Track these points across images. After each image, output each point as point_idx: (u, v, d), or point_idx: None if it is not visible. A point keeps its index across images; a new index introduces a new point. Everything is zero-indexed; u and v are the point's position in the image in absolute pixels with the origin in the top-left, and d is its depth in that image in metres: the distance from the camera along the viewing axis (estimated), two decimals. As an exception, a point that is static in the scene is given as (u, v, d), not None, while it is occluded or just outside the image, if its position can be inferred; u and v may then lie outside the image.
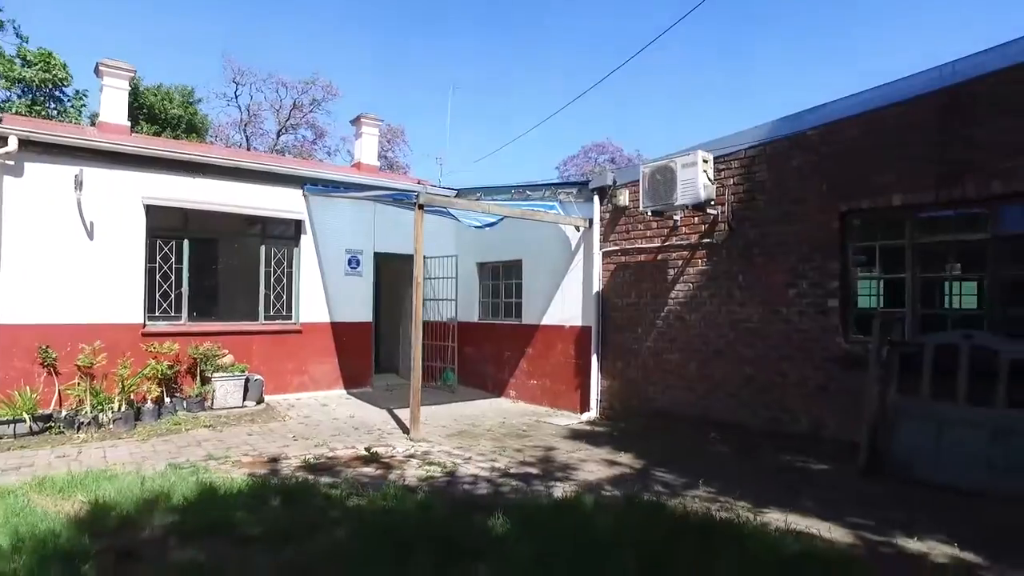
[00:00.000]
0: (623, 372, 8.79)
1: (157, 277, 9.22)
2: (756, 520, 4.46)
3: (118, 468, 5.81)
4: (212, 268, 12.09)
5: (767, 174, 7.20)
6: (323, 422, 8.47)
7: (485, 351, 11.14)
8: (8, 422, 7.50)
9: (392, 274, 12.17)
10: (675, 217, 8.03)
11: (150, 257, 9.09)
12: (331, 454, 6.56)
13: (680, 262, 8.12)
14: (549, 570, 3.50)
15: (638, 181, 8.13)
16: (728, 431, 7.35)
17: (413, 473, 5.84)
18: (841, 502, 4.94)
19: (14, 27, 24.26)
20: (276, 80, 32.73)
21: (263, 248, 10.16)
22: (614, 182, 8.96)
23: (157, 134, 23.37)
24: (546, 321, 9.99)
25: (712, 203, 7.44)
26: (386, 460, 6.31)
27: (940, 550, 3.97)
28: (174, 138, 23.80)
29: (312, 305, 10.46)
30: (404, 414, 8.95)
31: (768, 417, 7.05)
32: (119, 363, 8.33)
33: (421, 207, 7.54)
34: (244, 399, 9.29)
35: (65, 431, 7.67)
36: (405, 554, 3.68)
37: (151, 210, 9.03)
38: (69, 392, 8.18)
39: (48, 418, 7.87)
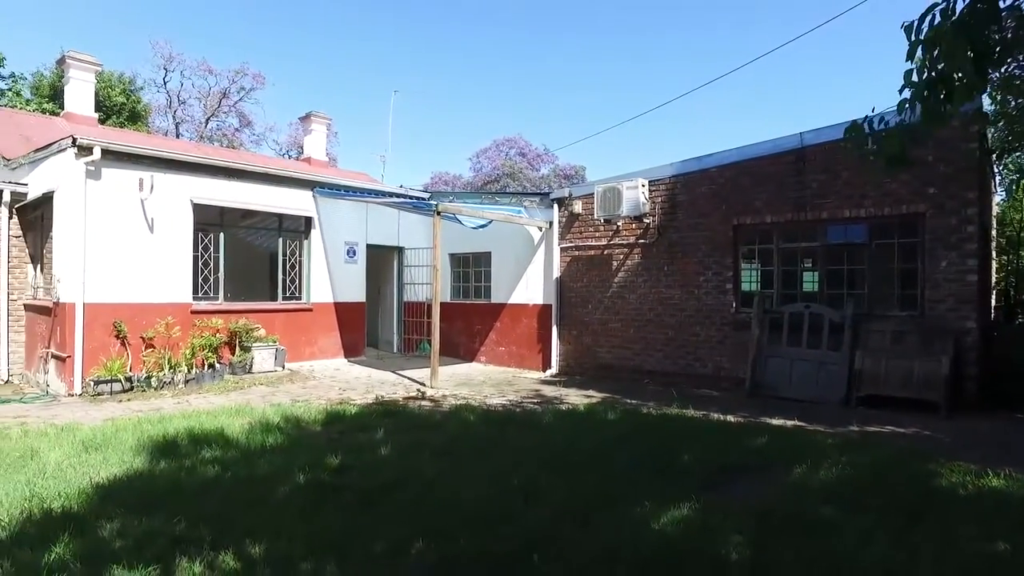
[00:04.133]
0: (577, 338, 11.73)
1: (200, 264, 11.06)
2: (688, 415, 7.50)
3: (230, 407, 7.92)
4: (241, 256, 13.87)
5: (684, 195, 10.30)
6: (350, 380, 10.81)
7: (456, 325, 13.73)
8: (107, 381, 9.38)
9: (374, 262, 14.42)
10: (618, 223, 11.00)
11: (196, 247, 10.92)
12: (386, 396, 9.02)
13: (621, 256, 11.11)
14: (581, 434, 6.31)
15: (590, 195, 11.14)
16: (656, 376, 10.46)
17: (456, 403, 8.48)
18: (734, 408, 8.09)
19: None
20: (204, 67, 33.08)
21: (281, 240, 12.20)
22: (570, 195, 11.83)
23: (102, 121, 23.76)
24: (512, 300, 12.77)
25: (647, 215, 10.47)
26: (430, 398, 8.89)
27: (787, 423, 7.16)
28: (119, 126, 24.29)
29: (319, 288, 12.62)
30: (409, 373, 11.51)
31: (684, 364, 10.21)
32: (189, 334, 10.27)
33: (439, 213, 10.05)
34: (274, 365, 11.40)
35: (146, 390, 9.60)
36: (502, 429, 6.39)
37: (197, 208, 10.83)
38: (145, 359, 10.00)
39: (129, 380, 9.71)
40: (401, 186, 15.37)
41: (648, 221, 10.59)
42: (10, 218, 10.96)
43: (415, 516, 4.08)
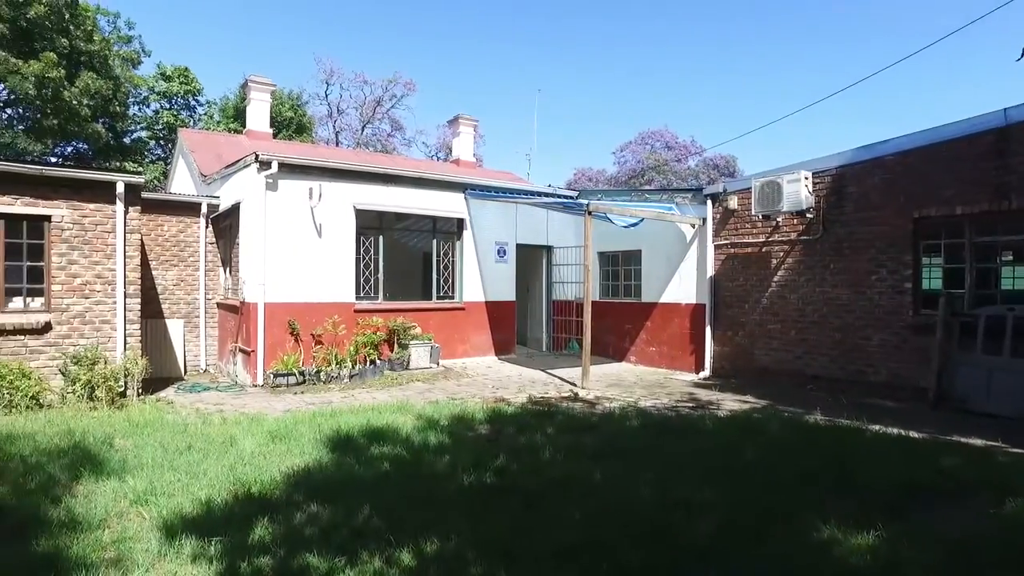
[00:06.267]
0: (732, 339, 11.25)
1: (361, 266, 11.96)
2: (861, 427, 6.93)
3: (393, 404, 8.48)
4: (397, 258, 14.95)
5: (854, 187, 9.50)
6: (501, 378, 11.18)
7: (605, 324, 13.66)
8: (284, 375, 10.43)
9: (523, 262, 14.76)
10: (778, 219, 10.38)
11: (358, 250, 11.82)
12: (539, 396, 9.24)
13: (781, 254, 10.48)
14: (742, 443, 6.06)
15: (747, 190, 10.63)
16: (820, 382, 9.76)
17: (611, 405, 8.48)
18: (915, 422, 7.35)
19: (140, 45, 27.57)
20: (360, 78, 35.66)
21: (435, 241, 12.89)
22: (725, 190, 11.35)
23: (274, 135, 26.56)
24: (664, 299, 12.50)
25: (809, 209, 9.78)
26: (583, 399, 8.97)
27: (985, 443, 6.38)
28: (288, 138, 26.97)
29: (471, 287, 13.16)
30: (559, 372, 11.66)
31: (853, 370, 9.44)
32: (352, 332, 11.18)
33: (590, 213, 10.08)
34: (429, 362, 12.07)
35: (316, 383, 10.53)
36: (659, 434, 6.31)
37: (359, 213, 11.73)
38: (315, 355, 11.02)
39: (302, 373, 10.74)
40: (549, 185, 15.59)
41: (811, 216, 9.89)
42: (206, 227, 12.53)
43: (578, 521, 4.16)
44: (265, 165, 10.48)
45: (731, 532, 3.98)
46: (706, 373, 11.52)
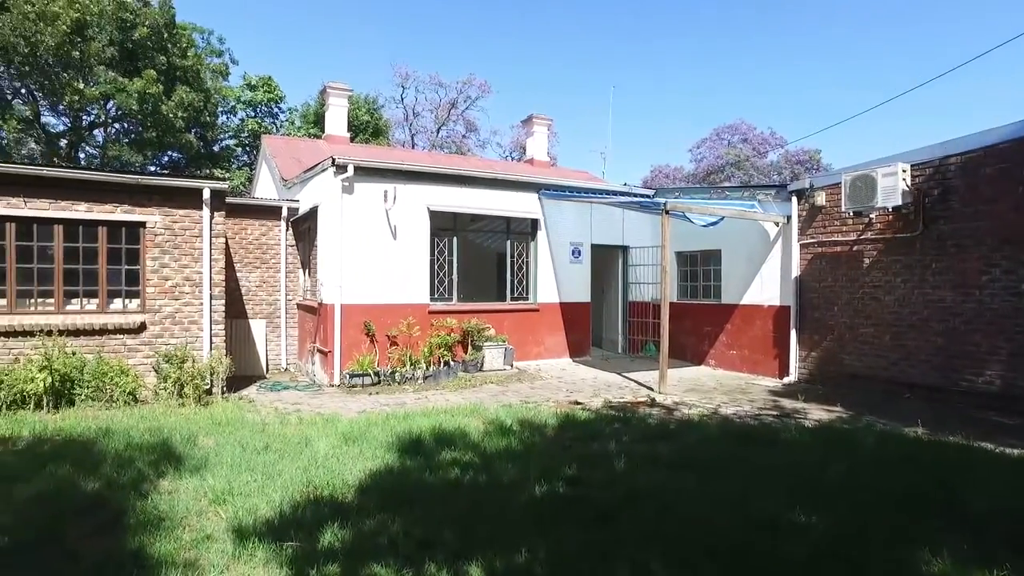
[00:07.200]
0: (819, 343, 10.59)
1: (435, 267, 12.03)
2: (973, 445, 6.30)
3: (466, 406, 8.42)
4: (471, 259, 15.04)
5: (960, 179, 8.72)
6: (576, 381, 10.96)
7: (683, 327, 13.21)
8: (359, 375, 10.60)
9: (598, 262, 14.47)
10: (871, 216, 9.68)
11: (432, 251, 11.88)
12: (614, 400, 8.98)
13: (874, 252, 9.78)
14: (832, 458, 5.62)
15: (836, 185, 10.00)
16: (919, 391, 9.02)
17: (689, 412, 8.13)
18: (1035, 437, 6.65)
19: (229, 56, 29.02)
20: (435, 81, 36.21)
21: (508, 242, 12.82)
22: (811, 186, 10.71)
23: (351, 139, 27.39)
24: (745, 301, 11.94)
25: (907, 204, 9.06)
26: (660, 404, 8.65)
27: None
28: (364, 142, 27.71)
29: (545, 288, 13.01)
30: (636, 375, 11.34)
31: (958, 379, 8.66)
32: (427, 333, 11.26)
33: (667, 212, 9.73)
34: (503, 364, 12.00)
35: (391, 384, 10.64)
36: (740, 444, 5.96)
37: (433, 214, 11.78)
38: (389, 355, 11.15)
39: (377, 374, 10.88)
40: (624, 184, 15.21)
41: (909, 212, 9.16)
42: (286, 230, 12.94)
43: (654, 539, 3.94)
44: (341, 169, 10.68)
45: (824, 558, 3.65)
46: (790, 379, 10.91)
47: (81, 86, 22.73)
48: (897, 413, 8.00)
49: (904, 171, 9.00)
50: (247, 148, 30.62)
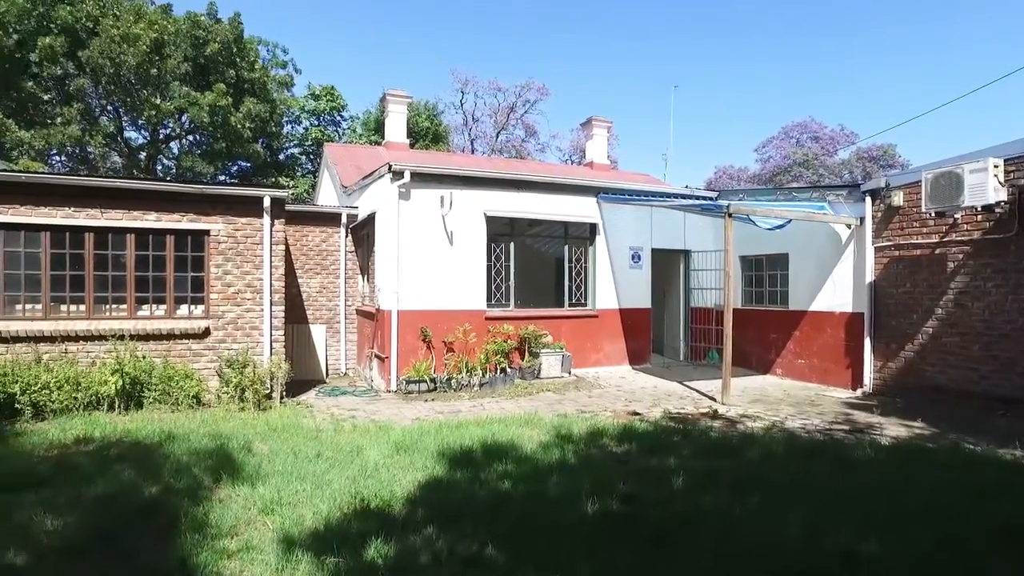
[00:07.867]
0: (897, 353, 9.91)
1: (492, 273, 11.93)
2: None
3: (520, 415, 8.19)
4: (528, 264, 14.94)
5: (1059, 176, 7.98)
6: (635, 390, 10.64)
7: (748, 334, 12.66)
8: (416, 381, 10.59)
9: (659, 267, 14.08)
10: (956, 216, 9.00)
11: (488, 257, 11.79)
12: (675, 411, 8.64)
13: (960, 256, 9.08)
14: (913, 481, 5.16)
15: (915, 183, 9.34)
16: (1015, 407, 8.28)
17: (753, 425, 7.73)
18: None
19: (293, 67, 29.95)
20: (494, 86, 36.33)
21: (566, 247, 12.61)
22: (887, 184, 10.06)
23: (411, 145, 27.80)
24: (814, 307, 11.33)
25: (1000, 203, 8.35)
26: (723, 416, 8.26)
27: None
28: (424, 148, 28.05)
29: (604, 294, 12.73)
30: (697, 385, 10.93)
31: (1060, 394, 7.92)
32: (483, 340, 11.17)
33: (730, 215, 9.33)
34: (560, 371, 11.78)
35: (447, 391, 10.57)
36: (809, 462, 5.57)
37: (489, 220, 11.68)
38: (446, 362, 11.11)
39: (433, 380, 10.84)
40: (686, 186, 14.77)
41: (1001, 211, 8.44)
42: (346, 236, 13.12)
43: (714, 566, 3.67)
44: (398, 175, 10.72)
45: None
46: (865, 390, 10.26)
47: (158, 101, 23.97)
48: (989, 432, 7.35)
49: (996, 166, 8.29)
50: (311, 156, 31.50)
